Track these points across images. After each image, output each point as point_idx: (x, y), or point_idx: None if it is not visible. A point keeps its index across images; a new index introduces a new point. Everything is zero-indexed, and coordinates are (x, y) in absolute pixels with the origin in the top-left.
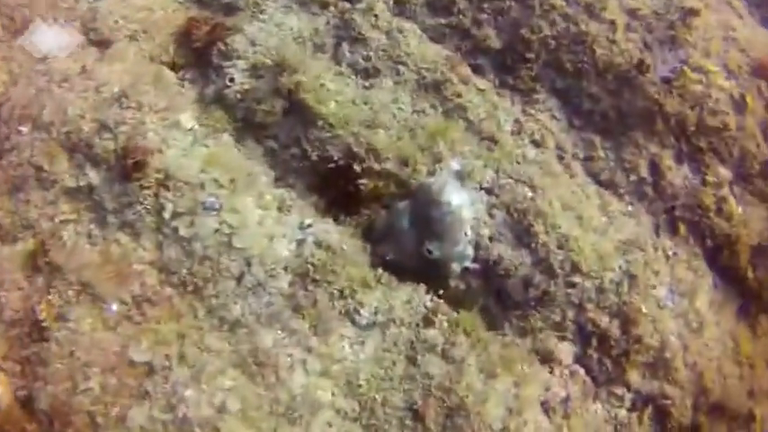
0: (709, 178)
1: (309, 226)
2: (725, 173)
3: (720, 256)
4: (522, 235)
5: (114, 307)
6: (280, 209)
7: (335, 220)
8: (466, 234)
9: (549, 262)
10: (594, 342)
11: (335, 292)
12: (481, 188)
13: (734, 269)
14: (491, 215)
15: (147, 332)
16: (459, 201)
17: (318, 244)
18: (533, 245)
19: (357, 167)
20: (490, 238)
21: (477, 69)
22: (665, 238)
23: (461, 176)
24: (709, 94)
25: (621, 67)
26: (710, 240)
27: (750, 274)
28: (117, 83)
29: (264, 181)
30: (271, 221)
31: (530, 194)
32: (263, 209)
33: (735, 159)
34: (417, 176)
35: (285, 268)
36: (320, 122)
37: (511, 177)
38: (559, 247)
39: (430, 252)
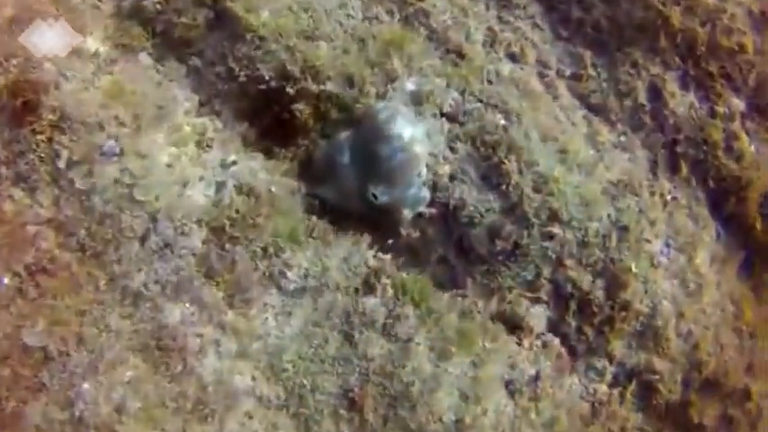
0: (719, 109)
1: (233, 164)
2: (738, 103)
3: (726, 202)
4: (491, 174)
5: (6, 280)
6: (199, 143)
7: (267, 153)
8: (420, 174)
9: (522, 208)
10: (573, 306)
11: (258, 250)
12: (442, 114)
13: (740, 218)
14: (453, 149)
15: (43, 309)
16: (413, 133)
17: (240, 188)
18: (504, 186)
19: (291, 90)
20: (451, 177)
21: None
22: (663, 177)
23: (418, 99)
24: (723, 8)
25: None
26: (715, 183)
27: (758, 225)
28: (10, 4)
29: (185, 108)
30: (185, 161)
31: (502, 122)
32: (177, 146)
33: (750, 89)
34: (364, 100)
35: (199, 222)
36: (249, 36)
37: (480, 100)
38: (536, 190)
39: (375, 197)
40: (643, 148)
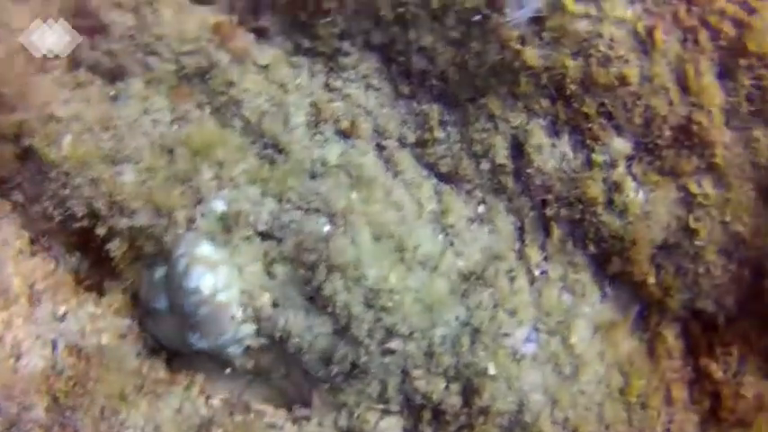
0: (598, 157)
1: (64, 317)
2: (621, 146)
3: (609, 263)
4: (316, 296)
5: None
6: (29, 298)
7: (99, 288)
8: (233, 317)
9: (351, 331)
10: (428, 415)
11: (96, 414)
12: (257, 233)
13: (629, 275)
14: (271, 273)
15: None
16: (214, 283)
17: (71, 349)
18: (330, 308)
19: (101, 230)
20: (274, 304)
21: (261, 33)
22: (532, 246)
23: (227, 224)
24: (599, 32)
25: (466, 5)
26: (596, 245)
27: (651, 280)
28: None
29: (17, 248)
30: (18, 324)
31: (326, 229)
32: (7, 308)
33: (636, 126)
34: (173, 230)
35: (39, 390)
36: (54, 172)
37: (299, 207)
38: (368, 306)
39: (193, 344)
40: (507, 215)
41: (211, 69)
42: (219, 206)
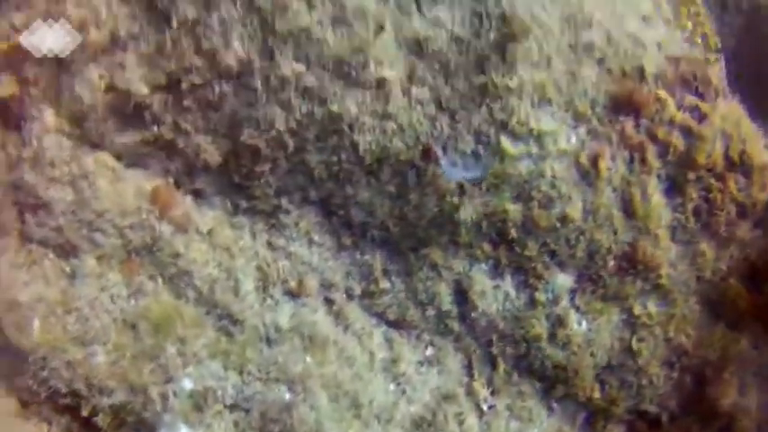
0: (541, 296)
1: None
2: (564, 281)
3: (554, 390)
4: None
5: None
6: None
7: None
8: None
9: None
10: None
11: None
12: (225, 406)
13: (574, 396)
14: None
15: None
16: None
17: None
18: None
19: (85, 410)
20: None
21: (198, 195)
22: (480, 380)
23: (198, 403)
24: (541, 172)
25: (401, 158)
26: (540, 376)
27: (596, 395)
28: None
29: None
30: None
31: (287, 397)
32: None
33: (579, 260)
34: (151, 406)
35: None
36: (31, 358)
37: (259, 378)
38: None
39: None
40: (455, 354)
41: (156, 242)
42: (188, 384)
